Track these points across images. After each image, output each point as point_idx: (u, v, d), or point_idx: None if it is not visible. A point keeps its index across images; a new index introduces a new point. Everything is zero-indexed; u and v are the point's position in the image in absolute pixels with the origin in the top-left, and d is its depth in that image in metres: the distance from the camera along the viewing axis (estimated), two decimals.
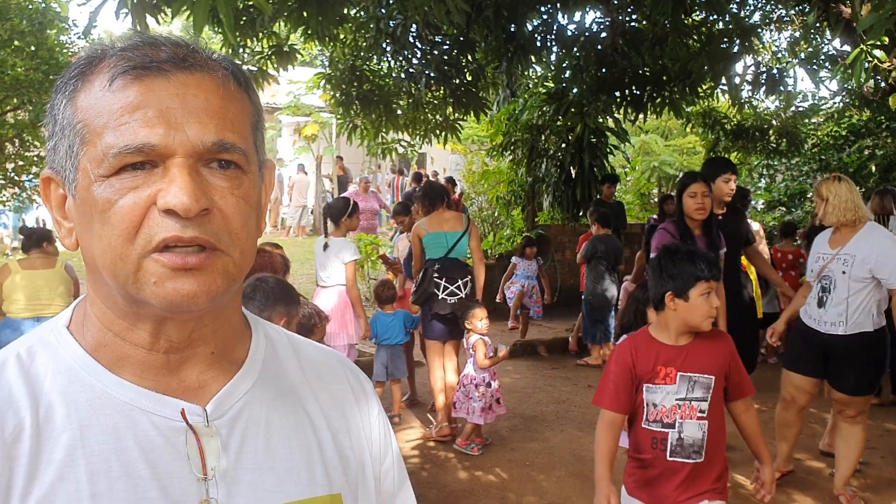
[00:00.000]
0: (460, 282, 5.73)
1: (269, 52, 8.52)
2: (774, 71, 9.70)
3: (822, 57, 10.56)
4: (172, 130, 0.80)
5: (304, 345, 1.07)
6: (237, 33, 7.40)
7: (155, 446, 0.85)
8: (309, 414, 0.98)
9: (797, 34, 10.51)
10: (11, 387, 0.84)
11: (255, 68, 8.58)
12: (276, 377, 0.98)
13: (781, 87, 9.61)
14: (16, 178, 8.88)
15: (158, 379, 0.88)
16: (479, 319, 5.47)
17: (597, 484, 2.85)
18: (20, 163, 8.85)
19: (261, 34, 7.96)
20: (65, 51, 8.39)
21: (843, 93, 12.72)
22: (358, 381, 1.08)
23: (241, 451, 0.90)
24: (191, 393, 0.89)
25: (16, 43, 7.94)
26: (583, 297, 8.20)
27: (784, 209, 14.02)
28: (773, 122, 13.08)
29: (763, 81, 9.69)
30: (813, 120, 14.02)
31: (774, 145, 13.05)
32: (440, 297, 5.71)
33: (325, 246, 5.98)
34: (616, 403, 2.95)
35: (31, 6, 8.02)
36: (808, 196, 14.41)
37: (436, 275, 5.71)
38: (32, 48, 7.99)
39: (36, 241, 5.97)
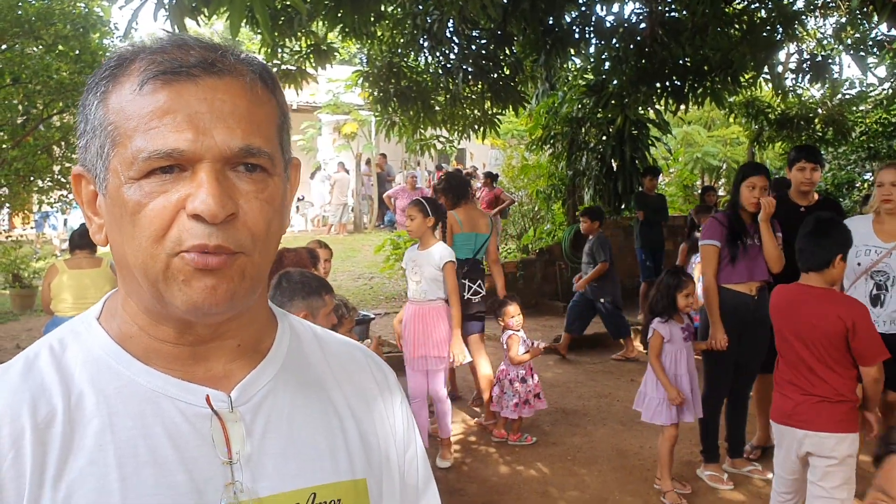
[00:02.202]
0: (480, 281, 5.86)
1: (308, 51, 8.58)
2: (819, 58, 9.50)
3: (870, 42, 10.30)
4: (201, 136, 0.81)
5: (328, 338, 1.09)
6: (276, 33, 7.46)
7: (181, 432, 0.87)
8: (333, 402, 1.00)
9: (843, 20, 10.27)
10: (44, 376, 0.87)
11: (294, 68, 8.64)
12: (299, 367, 1.00)
13: (827, 75, 9.40)
14: (62, 180, 9.05)
15: (185, 368, 0.91)
16: (511, 316, 5.52)
17: None
18: (67, 165, 9.02)
19: (299, 33, 8.01)
20: (108, 54, 8.50)
21: (893, 79, 12.40)
22: (381, 372, 1.10)
23: (265, 437, 0.92)
24: (216, 381, 0.92)
25: (60, 47, 8.10)
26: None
27: None
28: (819, 110, 12.82)
29: (807, 69, 9.50)
30: (861, 107, 13.71)
31: (820, 134, 12.77)
32: (465, 298, 5.69)
33: None
34: None
35: (74, 11, 8.17)
36: (857, 186, 14.12)
37: (462, 276, 5.69)
38: (76, 52, 8.14)
39: (89, 242, 6.05)
